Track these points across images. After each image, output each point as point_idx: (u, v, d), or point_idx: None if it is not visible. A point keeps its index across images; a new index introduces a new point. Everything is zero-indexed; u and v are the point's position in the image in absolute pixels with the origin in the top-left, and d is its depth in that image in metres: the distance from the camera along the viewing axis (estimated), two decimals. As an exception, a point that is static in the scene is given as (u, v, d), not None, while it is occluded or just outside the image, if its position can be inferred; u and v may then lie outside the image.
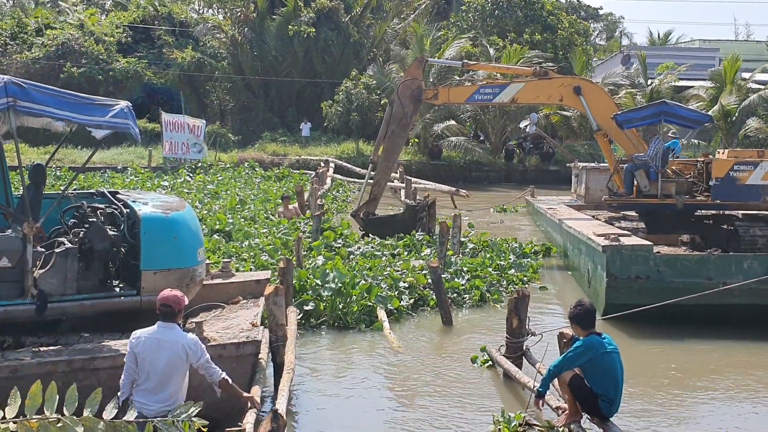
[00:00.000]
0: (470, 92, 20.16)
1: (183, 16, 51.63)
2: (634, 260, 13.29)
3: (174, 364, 6.82)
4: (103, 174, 32.19)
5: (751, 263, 13.37)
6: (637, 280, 13.23)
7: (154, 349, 6.81)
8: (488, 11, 48.79)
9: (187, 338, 6.95)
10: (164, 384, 6.80)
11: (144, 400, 6.75)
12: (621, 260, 13.31)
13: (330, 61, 48.48)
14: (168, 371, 6.80)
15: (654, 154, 16.99)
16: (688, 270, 13.33)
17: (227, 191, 27.31)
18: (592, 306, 8.08)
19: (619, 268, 13.29)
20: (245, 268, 14.51)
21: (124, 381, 6.88)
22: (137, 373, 6.85)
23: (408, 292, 14.19)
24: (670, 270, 13.30)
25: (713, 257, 14.05)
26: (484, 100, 20.60)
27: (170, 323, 6.95)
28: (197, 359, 6.89)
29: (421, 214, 20.21)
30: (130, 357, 6.89)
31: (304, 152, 41.38)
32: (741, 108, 38.29)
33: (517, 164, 42.27)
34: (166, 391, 6.80)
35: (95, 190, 10.68)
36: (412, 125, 21.86)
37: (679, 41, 67.47)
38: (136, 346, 6.86)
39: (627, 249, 13.42)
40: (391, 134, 19.55)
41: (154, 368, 6.79)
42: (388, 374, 10.80)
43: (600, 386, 7.79)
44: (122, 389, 6.84)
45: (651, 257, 13.35)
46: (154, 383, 6.78)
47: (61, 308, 8.43)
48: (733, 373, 11.25)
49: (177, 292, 7.16)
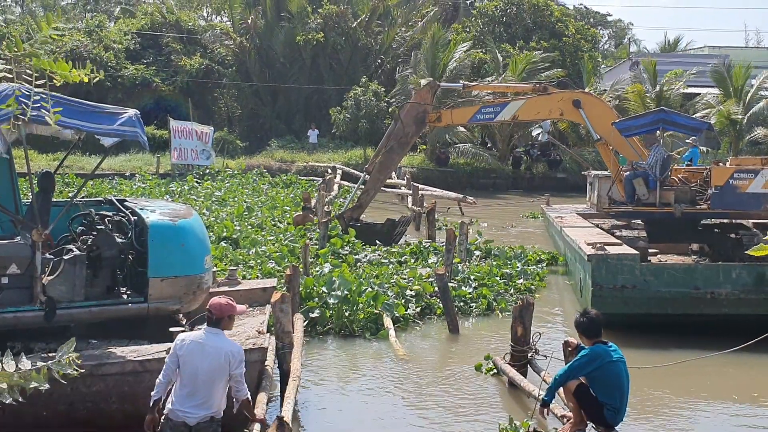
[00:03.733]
0: (472, 113, 20.33)
1: (191, 23, 51.76)
2: (620, 269, 13.08)
3: (214, 371, 6.76)
4: (111, 181, 32.30)
5: (740, 272, 13.12)
6: (623, 289, 13.04)
7: (197, 353, 6.78)
8: (497, 18, 48.83)
9: (232, 346, 6.92)
10: (205, 390, 6.75)
11: (185, 408, 6.71)
12: (606, 269, 13.10)
13: (337, 68, 48.56)
14: (209, 378, 6.75)
15: (653, 163, 16.98)
16: (674, 279, 13.12)
17: (235, 198, 27.39)
18: (598, 315, 8.09)
19: (604, 278, 13.10)
20: (252, 275, 14.56)
21: (161, 380, 6.85)
22: (177, 375, 6.81)
23: (415, 301, 14.20)
24: (657, 279, 13.09)
25: (701, 266, 13.98)
26: (485, 119, 20.80)
27: (216, 329, 6.92)
28: (236, 369, 6.84)
29: (400, 228, 20.74)
30: (172, 357, 6.85)
31: (312, 159, 41.42)
32: (748, 115, 38.18)
33: (525, 171, 42.20)
34: (208, 399, 6.75)
35: (103, 198, 10.77)
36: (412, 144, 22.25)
37: (688, 48, 67.30)
38: (180, 348, 6.83)
39: (612, 258, 13.19)
40: (390, 149, 19.99)
41: (195, 373, 6.74)
42: (394, 382, 10.82)
43: (605, 395, 7.80)
44: (156, 388, 6.84)
45: (637, 266, 13.13)
46: (194, 388, 6.73)
47: (70, 315, 8.49)
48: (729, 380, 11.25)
49: (223, 299, 7.11)
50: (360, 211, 20.48)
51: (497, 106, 19.78)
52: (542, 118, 28.64)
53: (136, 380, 7.92)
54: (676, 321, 12.95)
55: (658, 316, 13.02)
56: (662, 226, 17.17)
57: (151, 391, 6.89)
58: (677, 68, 44.81)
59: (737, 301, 12.90)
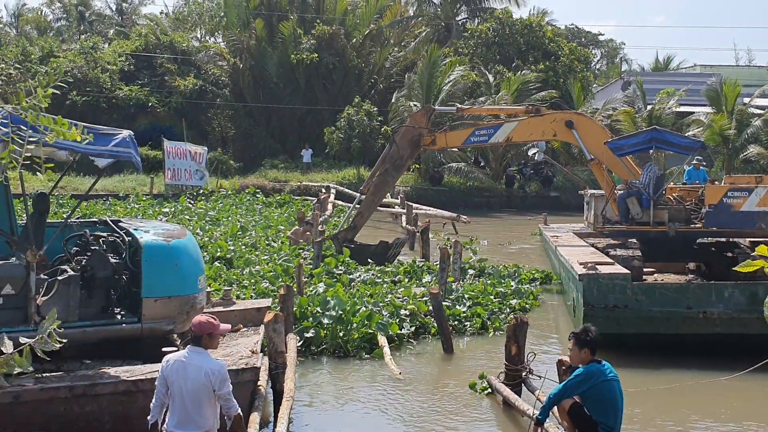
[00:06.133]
0: (466, 135, 20.41)
1: (185, 45, 51.94)
2: (611, 289, 12.98)
3: (198, 389, 6.69)
4: (105, 201, 32.28)
5: (732, 292, 12.96)
6: (614, 309, 12.94)
7: (181, 372, 6.73)
8: (490, 38, 49.08)
9: (212, 364, 6.82)
10: (193, 410, 6.69)
11: (175, 429, 6.67)
12: (598, 289, 13.00)
13: (331, 88, 48.73)
14: (194, 397, 6.68)
15: (647, 182, 17.00)
16: (666, 299, 13.01)
17: (228, 218, 27.39)
18: (597, 333, 8.07)
19: (596, 297, 13.00)
20: (246, 295, 14.55)
21: (154, 404, 6.84)
22: (168, 397, 6.78)
23: (409, 320, 14.18)
24: (649, 299, 12.98)
25: (693, 285, 13.88)
26: (479, 141, 20.88)
27: (198, 348, 6.86)
28: (220, 388, 6.76)
29: (394, 250, 20.92)
30: (160, 380, 6.83)
31: (305, 178, 41.50)
32: (742, 133, 38.37)
33: (518, 190, 42.36)
34: (196, 419, 6.70)
35: (98, 219, 10.79)
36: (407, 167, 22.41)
37: (680, 66, 67.63)
38: (166, 369, 6.80)
39: (604, 278, 13.10)
40: (384, 172, 20.25)
41: (180, 392, 6.69)
42: (388, 401, 10.80)
43: (599, 414, 7.79)
44: (151, 411, 6.82)
45: (628, 286, 13.02)
46: (182, 409, 6.68)
47: (64, 335, 8.48)
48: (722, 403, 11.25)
49: (203, 316, 7.08)
50: (354, 232, 20.56)
51: (491, 128, 19.88)
52: (536, 140, 28.90)
53: (129, 400, 7.92)
54: (669, 341, 12.86)
55: (651, 336, 12.91)
56: (658, 245, 17.01)
57: (144, 412, 6.88)
58: (669, 87, 45.08)
59: (730, 321, 12.77)
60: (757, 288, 12.87)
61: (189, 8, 67.12)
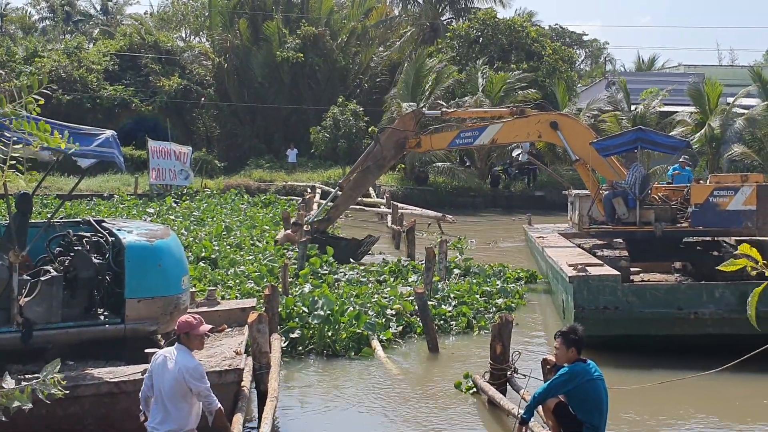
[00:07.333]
0: (451, 137, 20.31)
1: (169, 44, 51.74)
2: (602, 291, 12.88)
3: (174, 386, 6.82)
4: (89, 202, 32.13)
5: (723, 292, 12.89)
6: (605, 310, 12.86)
7: (161, 367, 6.92)
8: (472, 38, 49.08)
9: (187, 362, 6.91)
10: (171, 406, 6.82)
11: (154, 424, 6.82)
12: (588, 291, 12.90)
13: (316, 88, 48.69)
14: (172, 393, 6.81)
15: (632, 181, 17.02)
16: (657, 300, 12.93)
17: (213, 218, 27.30)
18: (584, 332, 8.08)
19: (586, 299, 12.90)
20: (231, 295, 14.50)
21: (141, 394, 7.12)
22: (152, 391, 6.99)
23: (395, 320, 14.16)
24: (639, 300, 12.89)
25: (683, 286, 13.79)
26: (465, 143, 20.79)
27: (181, 345, 7.03)
28: (196, 386, 6.87)
29: (363, 248, 21.04)
30: (148, 374, 7.10)
31: (291, 178, 41.45)
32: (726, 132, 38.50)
33: (503, 190, 42.41)
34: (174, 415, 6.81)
35: (81, 219, 10.71)
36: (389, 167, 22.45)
37: (665, 66, 67.85)
38: (153, 364, 7.06)
39: (594, 279, 12.99)
40: (366, 169, 20.32)
41: (160, 387, 6.87)
42: (374, 401, 10.78)
43: (584, 413, 7.79)
44: (141, 401, 7.14)
45: (619, 288, 12.93)
46: (162, 405, 6.84)
47: (47, 336, 8.45)
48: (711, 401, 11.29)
49: (186, 316, 7.29)
50: (327, 224, 20.77)
51: (476, 131, 19.85)
52: (521, 141, 28.83)
53: (112, 402, 7.88)
54: (660, 342, 12.81)
55: (642, 337, 12.85)
56: (644, 245, 16.95)
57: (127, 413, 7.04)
58: (653, 87, 45.23)
59: (721, 321, 12.68)
60: (747, 288, 12.67)
61: (174, 8, 66.91)
